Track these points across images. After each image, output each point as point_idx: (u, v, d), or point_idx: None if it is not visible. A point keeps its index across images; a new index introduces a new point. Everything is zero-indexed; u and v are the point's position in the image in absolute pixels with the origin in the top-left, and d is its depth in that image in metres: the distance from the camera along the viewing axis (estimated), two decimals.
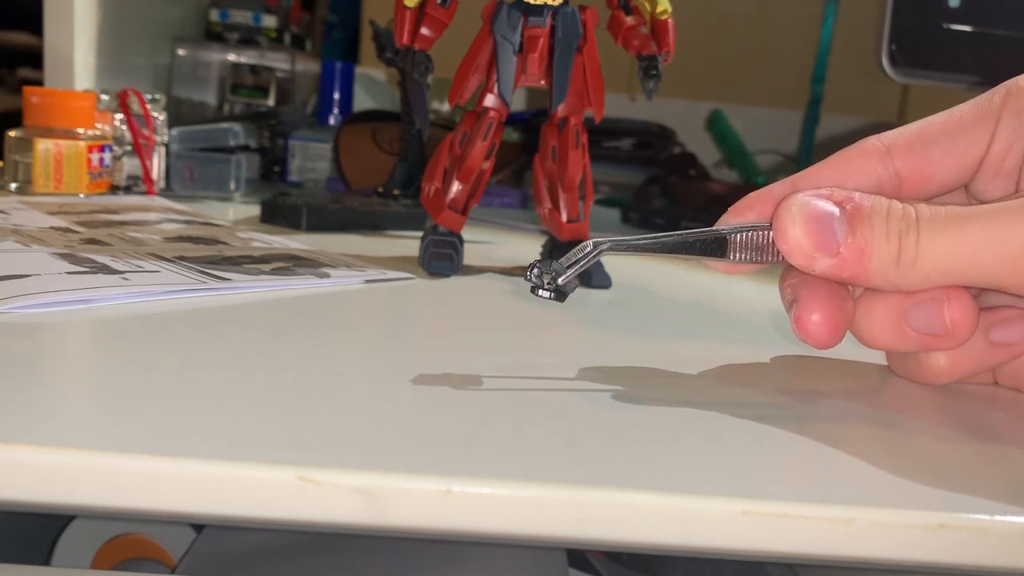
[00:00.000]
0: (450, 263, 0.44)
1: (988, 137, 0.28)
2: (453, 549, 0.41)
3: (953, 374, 0.29)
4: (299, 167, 0.82)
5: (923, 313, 0.27)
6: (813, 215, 0.26)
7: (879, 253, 0.26)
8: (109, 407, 0.23)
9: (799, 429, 0.25)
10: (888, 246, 0.26)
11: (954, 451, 0.25)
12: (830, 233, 0.26)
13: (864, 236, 0.26)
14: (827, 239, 0.26)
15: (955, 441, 0.26)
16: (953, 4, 0.54)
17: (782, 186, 0.28)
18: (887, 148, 0.28)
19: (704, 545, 0.20)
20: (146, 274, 0.37)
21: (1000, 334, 0.28)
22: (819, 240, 0.26)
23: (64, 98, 0.63)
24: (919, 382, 0.30)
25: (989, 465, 0.24)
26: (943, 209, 0.26)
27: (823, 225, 0.26)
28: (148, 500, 0.20)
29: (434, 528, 0.20)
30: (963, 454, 0.25)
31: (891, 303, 0.27)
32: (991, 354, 0.29)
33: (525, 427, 0.24)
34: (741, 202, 0.29)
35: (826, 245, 0.26)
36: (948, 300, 0.27)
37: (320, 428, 0.23)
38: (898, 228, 0.25)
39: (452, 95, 0.44)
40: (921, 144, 0.28)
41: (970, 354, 0.28)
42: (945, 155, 0.28)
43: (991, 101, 0.28)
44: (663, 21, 0.44)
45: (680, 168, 0.88)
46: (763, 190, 0.29)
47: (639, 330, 0.38)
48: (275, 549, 0.41)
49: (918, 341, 0.28)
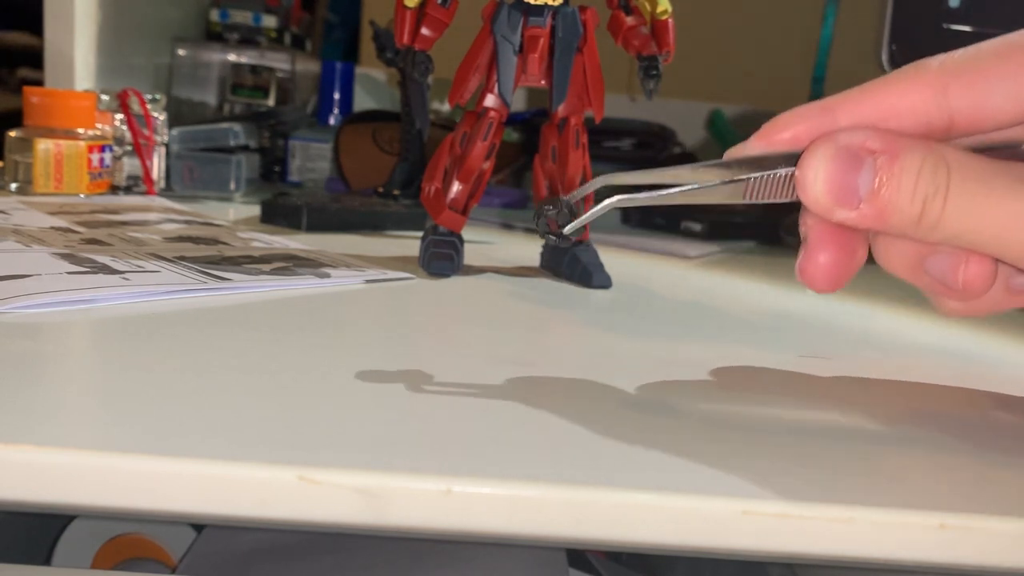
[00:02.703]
0: (450, 263, 0.44)
1: None
2: (453, 549, 0.41)
3: (966, 314, 0.28)
4: (299, 167, 0.82)
5: (940, 263, 0.26)
6: (840, 170, 0.24)
7: (900, 213, 0.24)
8: (109, 407, 0.23)
9: (799, 429, 0.25)
10: (911, 207, 0.24)
11: (954, 451, 0.25)
12: (853, 188, 0.24)
13: (888, 195, 0.24)
14: (849, 194, 0.25)
15: (955, 441, 0.26)
16: (953, 4, 0.54)
17: (819, 113, 0.26)
18: (943, 81, 0.25)
19: (704, 545, 0.20)
20: (146, 274, 0.37)
21: (1020, 281, 0.27)
22: (840, 196, 0.25)
23: (64, 98, 0.63)
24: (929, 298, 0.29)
25: (989, 465, 0.24)
26: (981, 167, 0.24)
27: (847, 179, 0.24)
28: (148, 500, 0.20)
29: (434, 528, 0.20)
30: (963, 454, 0.25)
31: (913, 243, 0.26)
32: (1009, 299, 0.28)
33: (525, 427, 0.24)
34: (772, 124, 0.27)
35: (847, 200, 0.25)
36: (968, 260, 0.25)
37: (320, 428, 0.23)
38: (925, 192, 0.24)
39: (452, 95, 0.44)
40: (978, 74, 0.25)
41: (986, 300, 0.27)
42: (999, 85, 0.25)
43: None
44: (663, 21, 0.44)
45: None
46: (796, 112, 0.26)
47: (639, 330, 0.38)
48: (275, 549, 0.41)
49: (931, 285, 0.27)
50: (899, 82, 0.25)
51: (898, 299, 0.47)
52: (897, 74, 0.25)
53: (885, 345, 0.40)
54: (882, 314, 0.46)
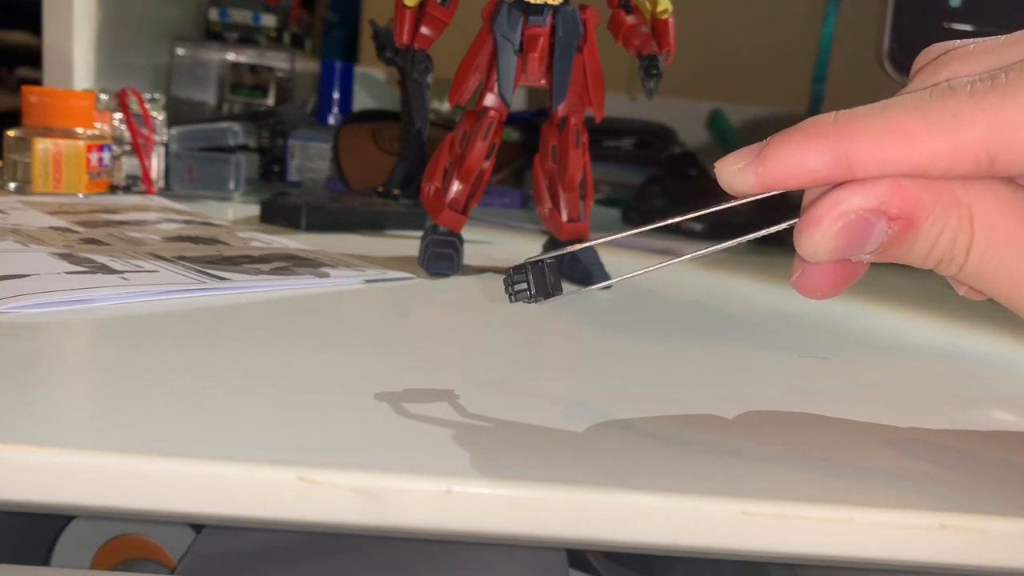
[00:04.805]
0: (450, 263, 0.44)
1: None
2: (453, 549, 0.41)
3: None
4: (299, 167, 0.82)
5: None
6: (845, 243, 0.22)
7: (908, 263, 0.22)
8: (108, 407, 0.23)
9: (798, 429, 0.25)
10: (922, 264, 0.22)
11: (954, 451, 0.25)
12: (859, 248, 0.22)
13: (897, 255, 0.22)
14: (855, 248, 0.22)
15: (955, 441, 0.26)
16: (954, 4, 0.54)
17: (829, 166, 0.22)
18: None
19: (704, 545, 0.20)
20: (145, 274, 0.37)
21: None
22: (846, 251, 0.22)
23: (63, 98, 0.63)
24: None
25: (990, 465, 0.24)
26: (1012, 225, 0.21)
27: (853, 244, 0.22)
28: (148, 500, 0.20)
29: (434, 528, 0.20)
30: (963, 454, 0.24)
31: None
32: None
33: (525, 427, 0.24)
34: (776, 147, 0.24)
35: (852, 250, 0.22)
36: None
37: (320, 428, 0.23)
38: (940, 256, 0.22)
39: (452, 95, 0.44)
40: None
41: None
42: None
43: None
44: (664, 20, 0.44)
45: (680, 168, 0.88)
46: (803, 134, 0.23)
47: (639, 330, 0.38)
48: (275, 549, 0.41)
49: None
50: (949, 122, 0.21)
51: (898, 299, 0.47)
52: (939, 100, 0.21)
53: (885, 345, 0.40)
54: (882, 314, 0.46)
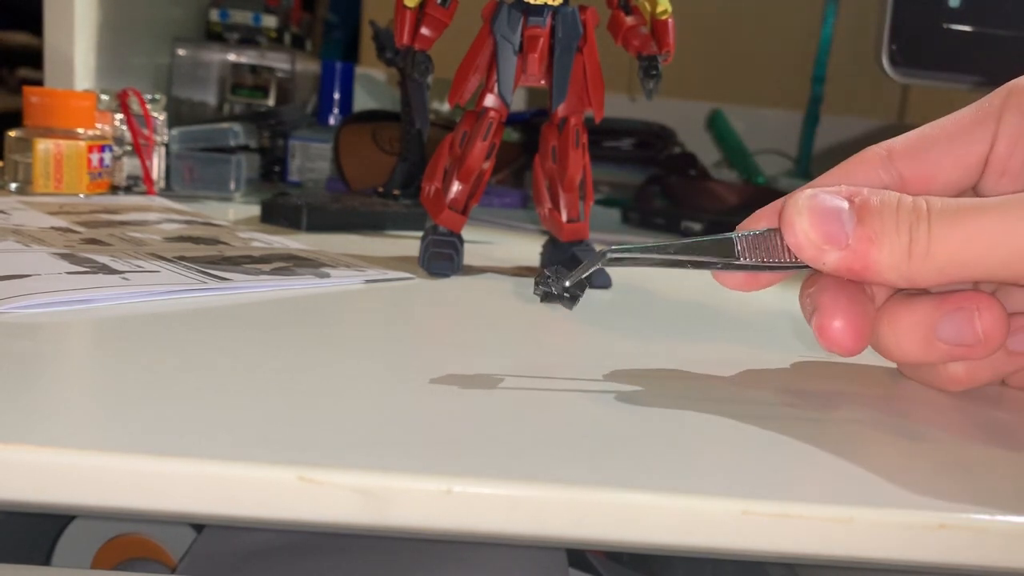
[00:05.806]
0: (450, 263, 0.44)
1: (990, 136, 0.28)
2: (453, 549, 0.41)
3: (969, 383, 0.29)
4: (299, 167, 0.82)
5: (953, 324, 0.26)
6: (820, 207, 0.26)
7: (890, 244, 0.25)
8: (109, 407, 0.23)
9: (799, 429, 0.25)
10: (899, 236, 0.25)
11: (954, 451, 0.25)
12: (838, 224, 0.25)
13: (873, 227, 0.25)
14: (835, 230, 0.25)
15: (955, 441, 0.26)
16: (953, 4, 0.54)
17: None
18: (888, 153, 0.28)
19: (704, 545, 0.20)
20: (146, 274, 0.37)
21: (1018, 342, 0.28)
22: (827, 231, 0.25)
23: (64, 98, 0.63)
24: (931, 387, 0.30)
25: (990, 465, 0.24)
26: (954, 201, 0.25)
27: (831, 216, 0.25)
28: (148, 500, 0.20)
29: (434, 528, 0.20)
30: (963, 454, 0.25)
31: (918, 315, 0.27)
32: (1008, 362, 0.28)
33: (525, 427, 0.24)
34: (749, 218, 0.29)
35: (834, 237, 0.25)
36: (979, 309, 0.26)
37: (320, 428, 0.23)
38: (908, 220, 0.25)
39: (452, 95, 0.44)
40: (921, 146, 0.28)
41: (987, 363, 0.28)
42: (945, 155, 0.28)
43: (992, 102, 0.28)
44: (663, 21, 0.44)
45: (680, 168, 0.88)
46: (769, 205, 0.29)
47: (639, 330, 0.38)
48: (275, 549, 0.41)
49: (947, 353, 0.27)
50: (855, 162, 0.29)
51: None
52: (851, 159, 0.29)
53: None
54: None
